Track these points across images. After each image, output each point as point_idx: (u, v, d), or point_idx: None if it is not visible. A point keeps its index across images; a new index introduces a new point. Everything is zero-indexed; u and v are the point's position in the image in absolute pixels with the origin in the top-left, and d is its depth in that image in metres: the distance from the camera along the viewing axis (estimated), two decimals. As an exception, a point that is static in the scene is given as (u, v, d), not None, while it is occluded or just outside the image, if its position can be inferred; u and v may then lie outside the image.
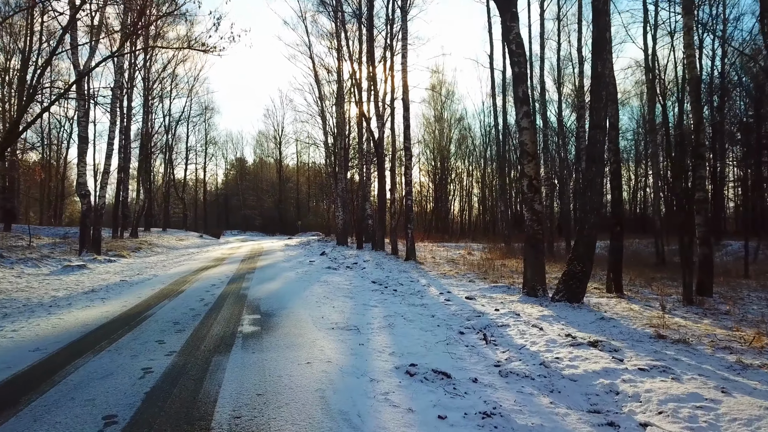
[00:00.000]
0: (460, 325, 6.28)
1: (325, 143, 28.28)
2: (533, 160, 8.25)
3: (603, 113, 7.49)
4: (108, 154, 17.92)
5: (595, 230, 7.63)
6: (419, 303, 7.75)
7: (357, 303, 7.65)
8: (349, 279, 10.60)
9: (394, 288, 9.39)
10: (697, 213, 9.31)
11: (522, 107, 8.25)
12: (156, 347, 4.56)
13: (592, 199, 7.53)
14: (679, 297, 9.15)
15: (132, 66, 24.67)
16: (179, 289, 8.75)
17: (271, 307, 6.90)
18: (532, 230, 8.20)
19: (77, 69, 16.18)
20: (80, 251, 16.19)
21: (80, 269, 12.37)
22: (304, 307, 7.01)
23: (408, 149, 14.50)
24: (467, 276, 11.44)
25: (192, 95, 33.79)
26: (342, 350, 4.66)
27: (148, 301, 7.42)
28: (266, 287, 8.92)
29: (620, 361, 4.67)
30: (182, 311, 6.48)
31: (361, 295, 8.54)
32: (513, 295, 8.66)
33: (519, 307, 7.42)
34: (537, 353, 4.93)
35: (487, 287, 9.48)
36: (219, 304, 7.12)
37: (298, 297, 7.89)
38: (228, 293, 8.16)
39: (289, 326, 5.61)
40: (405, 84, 14.39)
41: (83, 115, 16.53)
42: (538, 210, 8.24)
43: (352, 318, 6.37)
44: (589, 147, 7.59)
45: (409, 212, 14.61)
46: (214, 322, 5.73)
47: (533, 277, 8.15)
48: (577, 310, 7.23)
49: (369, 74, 18.64)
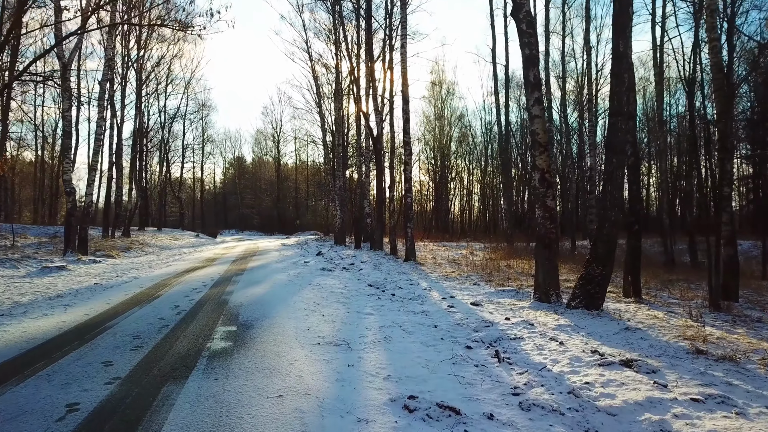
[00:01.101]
0: (466, 337, 5.42)
1: (323, 141, 27.44)
2: (545, 151, 7.39)
3: (625, 98, 6.62)
4: (96, 150, 17.05)
5: (616, 229, 6.77)
6: (420, 310, 6.88)
7: (350, 310, 6.78)
8: (344, 282, 9.74)
9: (393, 292, 8.53)
10: (723, 210, 8.46)
11: (533, 93, 7.39)
12: (99, 371, 3.70)
13: (612, 194, 6.66)
14: (702, 302, 8.30)
15: (125, 61, 23.82)
16: (156, 293, 7.89)
17: (251, 316, 6.03)
18: (544, 229, 7.34)
19: (61, 60, 15.32)
20: (65, 251, 15.34)
21: (59, 271, 11.50)
22: (289, 316, 6.14)
23: (408, 144, 13.63)
24: (471, 278, 10.57)
25: (188, 91, 32.90)
26: (326, 375, 3.79)
27: (117, 308, 6.56)
28: (251, 292, 8.06)
29: (664, 387, 3.81)
30: (150, 321, 5.62)
31: (356, 300, 7.68)
32: (523, 300, 7.80)
33: (531, 314, 6.56)
34: (561, 376, 4.07)
35: (494, 291, 8.61)
36: (194, 312, 6.26)
37: (285, 304, 7.03)
38: (208, 299, 7.30)
39: (267, 341, 4.75)
40: (404, 76, 13.53)
41: (67, 109, 15.66)
42: (551, 206, 7.37)
43: (343, 329, 5.50)
44: (609, 136, 6.72)
45: (409, 210, 13.75)
46: (180, 336, 4.87)
47: (546, 280, 7.29)
48: (597, 319, 6.37)
49: (368, 69, 17.78)
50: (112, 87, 22.91)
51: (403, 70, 13.53)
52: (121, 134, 24.87)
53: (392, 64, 16.13)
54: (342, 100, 21.20)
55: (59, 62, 15.62)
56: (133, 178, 25.19)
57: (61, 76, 15.78)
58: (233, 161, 52.66)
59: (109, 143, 23.15)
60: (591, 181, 15.70)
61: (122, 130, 24.87)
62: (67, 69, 15.67)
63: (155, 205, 35.58)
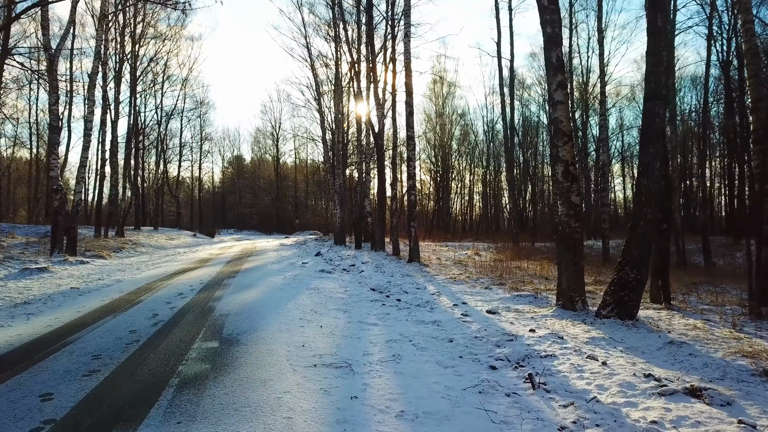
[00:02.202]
0: (489, 354, 4.58)
1: (323, 139, 26.52)
2: (569, 141, 6.55)
3: (663, 79, 5.78)
4: (85, 146, 16.14)
5: (652, 227, 5.93)
6: (430, 319, 6.04)
7: (352, 320, 5.94)
8: (344, 285, 8.90)
9: (398, 297, 7.69)
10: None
11: (556, 76, 6.54)
12: (30, 410, 2.85)
13: (648, 188, 5.82)
14: (736, 308, 7.48)
15: (118, 53, 22.94)
16: (137, 299, 7.03)
17: (238, 328, 5.19)
18: (568, 228, 6.50)
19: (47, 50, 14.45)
20: (51, 252, 14.47)
21: (39, 273, 10.63)
22: (282, 327, 5.30)
23: (411, 139, 12.78)
24: (481, 281, 9.74)
25: (185, 88, 31.98)
26: (323, 414, 2.94)
27: (86, 318, 5.70)
28: (242, 297, 7.21)
29: (753, 429, 2.97)
30: (118, 335, 4.77)
31: (358, 307, 6.83)
32: (543, 307, 6.96)
33: (558, 325, 5.72)
34: (617, 410, 3.23)
35: (509, 296, 7.77)
36: (174, 322, 5.41)
37: (278, 312, 6.17)
38: (192, 306, 6.45)
39: (252, 363, 3.90)
40: (408, 67, 12.67)
41: (54, 103, 14.77)
42: (576, 203, 6.53)
43: (344, 345, 4.66)
44: (645, 123, 5.88)
45: (413, 209, 12.90)
46: (149, 356, 4.02)
47: (570, 285, 6.45)
48: (634, 331, 5.54)
49: (368, 63, 16.93)
50: (105, 82, 22.05)
51: (407, 61, 12.68)
52: (116, 131, 24.03)
53: (395, 55, 15.29)
54: (342, 96, 20.33)
55: (45, 53, 14.75)
56: (127, 176, 24.29)
57: (48, 68, 14.92)
58: (232, 160, 51.76)
59: (101, 140, 22.27)
60: (604, 179, 14.85)
61: (117, 127, 24.07)
62: (54, 61, 14.79)
63: (152, 204, 34.65)
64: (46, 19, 14.71)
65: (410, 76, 12.68)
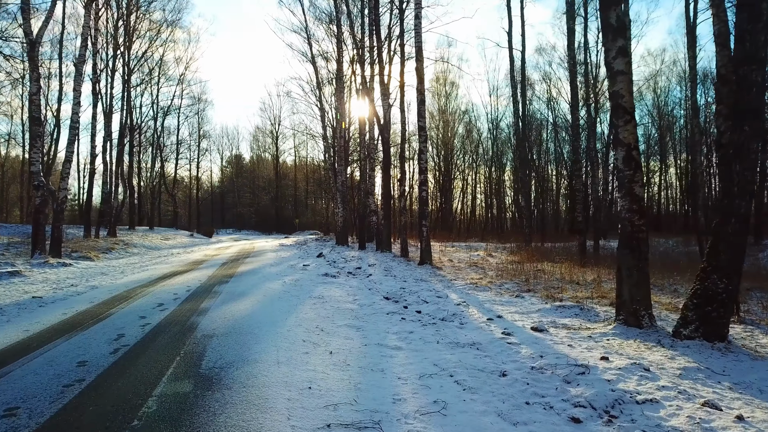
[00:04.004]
0: (561, 397, 3.30)
1: (323, 136, 25.23)
2: (632, 119, 5.28)
3: (762, 39, 4.51)
4: (71, 140, 14.77)
5: (745, 226, 4.66)
6: (466, 340, 4.75)
7: (368, 341, 4.66)
8: (352, 293, 7.61)
9: (418, 308, 6.40)
10: None
11: (615, 41, 5.27)
12: None
13: (743, 176, 4.55)
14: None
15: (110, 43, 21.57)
16: (105, 312, 5.73)
17: (223, 357, 3.89)
18: (630, 226, 5.22)
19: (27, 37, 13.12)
20: (33, 253, 13.15)
21: (9, 278, 9.32)
22: (280, 356, 4.00)
23: (423, 129, 11.49)
24: (506, 287, 8.46)
25: (182, 83, 30.57)
26: None
27: (30, 340, 4.40)
28: (233, 310, 5.91)
29: None
30: (59, 370, 3.48)
31: (373, 322, 5.55)
32: (596, 322, 5.68)
33: (630, 349, 4.44)
34: None
35: (549, 308, 6.48)
36: (140, 349, 4.12)
37: (276, 331, 4.88)
38: (170, 322, 5.15)
39: (235, 426, 2.61)
40: (419, 50, 11.38)
41: (35, 93, 13.45)
42: (640, 195, 5.25)
43: (364, 385, 3.37)
44: (739, 95, 4.61)
45: (424, 206, 11.63)
46: (88, 410, 2.73)
47: (634, 297, 5.17)
48: (732, 357, 4.27)
49: (372, 48, 15.65)
50: (96, 73, 20.68)
51: (418, 45, 11.39)
52: (111, 126, 22.69)
53: (403, 40, 14.01)
54: (343, 89, 19.04)
55: (26, 39, 13.41)
56: (120, 173, 22.91)
57: (29, 55, 13.61)
58: (231, 159, 50.34)
59: (92, 134, 20.90)
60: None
61: (111, 122, 22.70)
62: (35, 47, 13.47)
63: (149, 203, 33.24)
64: (27, 2, 13.37)
65: (421, 61, 11.40)
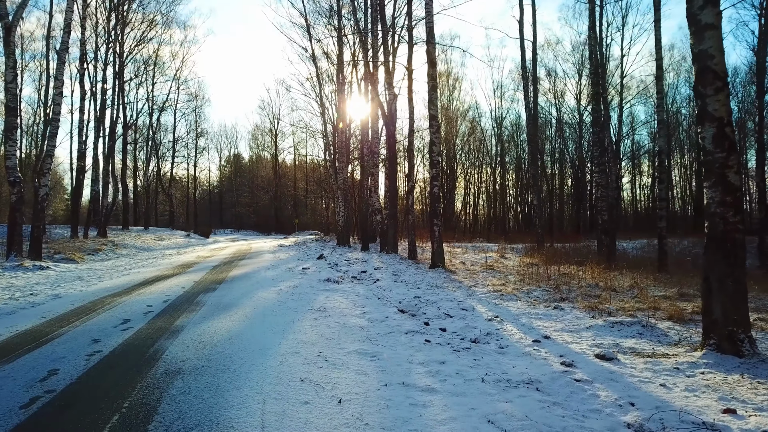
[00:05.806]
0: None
1: (323, 134, 23.97)
2: (725, 87, 4.06)
3: None
4: (52, 134, 13.50)
5: None
6: (519, 377, 3.51)
7: (388, 378, 3.42)
8: (360, 303, 6.37)
9: (441, 326, 5.16)
10: None
11: (702, -13, 4.05)
12: None
13: None
14: None
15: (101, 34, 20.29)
16: (54, 331, 4.48)
17: (184, 415, 2.65)
18: (723, 223, 4.00)
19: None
20: (8, 254, 11.91)
21: (-32, 283, 8.07)
22: (267, 408, 2.76)
23: (434, 118, 10.24)
24: (535, 295, 7.23)
25: (179, 78, 29.25)
26: None
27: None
28: (213, 330, 4.66)
29: None
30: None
31: (390, 345, 4.31)
32: (670, 345, 4.45)
33: (750, 391, 3.21)
34: None
35: (602, 324, 5.23)
36: (69, 398, 2.88)
37: (265, 363, 3.63)
38: (128, 350, 3.90)
39: None
40: (431, 32, 10.14)
41: (11, 81, 12.19)
42: (736, 185, 4.03)
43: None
44: None
45: (436, 203, 10.39)
46: None
47: (729, 315, 3.94)
48: None
49: (375, 33, 14.41)
50: (83, 64, 19.39)
51: (429, 25, 10.15)
52: (104, 122, 21.39)
53: (411, 23, 12.76)
54: (345, 82, 17.81)
55: (1, 22, 12.14)
56: (111, 171, 21.61)
57: (4, 40, 12.34)
58: (229, 158, 49.01)
59: (79, 129, 19.62)
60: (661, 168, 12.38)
61: (105, 117, 21.40)
62: (12, 30, 12.21)
63: (144, 202, 31.91)
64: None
65: (433, 44, 10.18)
